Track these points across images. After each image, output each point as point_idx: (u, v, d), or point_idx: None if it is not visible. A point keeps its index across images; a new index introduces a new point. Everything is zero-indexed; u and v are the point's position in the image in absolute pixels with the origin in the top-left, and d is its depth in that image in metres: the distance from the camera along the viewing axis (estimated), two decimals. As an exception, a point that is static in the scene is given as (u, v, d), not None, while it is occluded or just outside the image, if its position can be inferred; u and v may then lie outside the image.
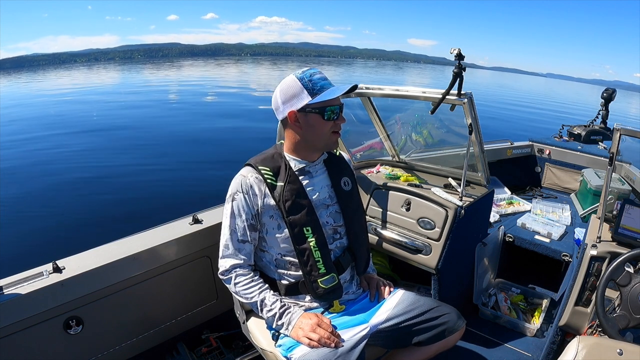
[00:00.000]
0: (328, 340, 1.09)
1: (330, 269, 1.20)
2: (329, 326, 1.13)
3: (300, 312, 1.17)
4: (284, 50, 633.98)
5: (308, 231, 1.18)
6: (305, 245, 1.18)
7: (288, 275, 1.23)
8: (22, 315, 1.22)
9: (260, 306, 1.18)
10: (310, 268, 1.19)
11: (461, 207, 1.63)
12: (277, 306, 1.16)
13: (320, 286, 1.19)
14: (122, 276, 1.42)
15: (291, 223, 1.18)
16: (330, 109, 1.16)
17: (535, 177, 3.16)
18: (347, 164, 1.38)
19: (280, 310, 1.16)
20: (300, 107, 1.16)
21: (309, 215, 1.19)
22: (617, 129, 1.37)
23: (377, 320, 1.23)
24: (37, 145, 8.19)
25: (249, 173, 1.20)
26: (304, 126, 1.18)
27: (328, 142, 1.21)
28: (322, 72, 1.20)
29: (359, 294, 1.33)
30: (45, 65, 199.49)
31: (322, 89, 1.15)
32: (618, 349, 1.00)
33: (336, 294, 1.23)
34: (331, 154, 1.34)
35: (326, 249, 1.21)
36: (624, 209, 1.43)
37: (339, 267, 1.25)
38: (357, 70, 62.92)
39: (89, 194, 5.43)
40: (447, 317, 1.23)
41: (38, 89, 28.00)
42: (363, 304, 1.30)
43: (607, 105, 3.26)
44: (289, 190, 1.18)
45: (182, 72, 46.08)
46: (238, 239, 1.20)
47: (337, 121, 1.19)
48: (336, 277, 1.21)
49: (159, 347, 1.62)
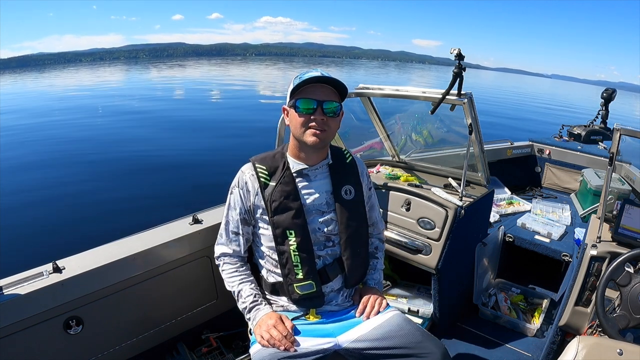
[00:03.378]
0: (278, 342, 1.08)
1: (309, 276, 1.18)
2: (285, 329, 1.12)
3: (266, 311, 1.18)
4: (288, 50, 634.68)
5: (291, 234, 1.18)
6: (284, 248, 1.19)
7: (273, 274, 1.25)
8: (22, 315, 1.22)
9: (236, 297, 1.23)
10: (288, 271, 1.19)
11: (461, 207, 1.63)
12: (249, 300, 1.20)
13: (296, 291, 1.18)
14: (122, 276, 1.42)
15: (274, 223, 1.19)
16: (301, 101, 1.14)
17: (535, 177, 3.16)
18: (357, 173, 1.32)
19: (250, 305, 1.19)
20: (288, 102, 1.19)
21: (295, 218, 1.18)
22: (617, 129, 1.37)
23: (345, 338, 1.16)
24: (37, 144, 8.20)
25: (247, 169, 1.23)
26: (289, 121, 1.20)
27: (303, 139, 1.16)
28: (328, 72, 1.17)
29: (345, 306, 1.27)
30: (51, 64, 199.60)
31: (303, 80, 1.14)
32: (618, 349, 1.00)
33: (314, 302, 1.21)
34: (339, 159, 1.30)
35: (309, 255, 1.19)
36: (624, 209, 1.43)
37: (323, 275, 1.21)
38: (360, 70, 63.00)
39: (89, 194, 5.43)
40: (429, 357, 1.07)
41: (44, 86, 28.06)
42: (343, 318, 1.23)
43: (607, 105, 3.26)
44: (279, 190, 1.19)
45: (187, 72, 46.14)
46: (231, 230, 1.26)
47: (313, 116, 1.14)
48: (315, 285, 1.18)
49: (159, 347, 1.62)
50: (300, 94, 1.15)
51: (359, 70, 62.85)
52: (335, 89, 1.17)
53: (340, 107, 1.19)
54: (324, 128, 1.15)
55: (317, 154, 1.23)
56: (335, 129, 1.21)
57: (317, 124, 1.14)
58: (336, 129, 1.23)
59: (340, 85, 1.16)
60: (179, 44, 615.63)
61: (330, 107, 1.15)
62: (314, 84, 1.14)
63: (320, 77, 1.13)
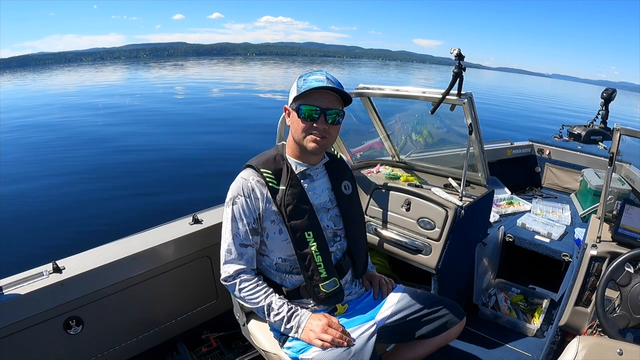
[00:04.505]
0: (340, 340, 1.09)
1: (331, 274, 1.20)
2: (339, 326, 1.13)
3: (308, 314, 1.16)
4: (289, 50, 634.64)
5: (309, 236, 1.17)
6: (307, 250, 1.17)
7: (289, 280, 1.22)
8: (22, 315, 1.22)
9: (267, 310, 1.15)
10: (312, 273, 1.18)
11: (461, 207, 1.63)
12: (285, 309, 1.15)
13: (322, 290, 1.18)
14: (122, 276, 1.42)
15: (292, 228, 1.17)
16: (305, 108, 1.13)
17: (535, 177, 3.16)
18: (348, 167, 1.37)
19: (289, 314, 1.15)
20: (290, 103, 1.18)
21: (310, 219, 1.18)
22: (617, 129, 1.37)
23: (383, 315, 1.25)
24: (37, 145, 8.20)
25: (250, 176, 1.19)
26: (291, 123, 1.20)
27: (303, 144, 1.17)
28: (330, 73, 1.17)
29: (361, 292, 1.34)
30: (52, 64, 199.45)
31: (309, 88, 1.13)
32: (618, 349, 1.00)
33: (338, 298, 1.23)
34: (332, 156, 1.33)
35: (327, 253, 1.21)
36: (624, 209, 1.43)
37: (340, 270, 1.24)
38: (361, 70, 62.99)
39: (89, 194, 5.43)
40: (448, 310, 1.26)
41: (43, 86, 28.05)
42: (366, 302, 1.31)
43: (607, 105, 3.26)
44: (290, 194, 1.17)
45: (188, 71, 46.15)
46: (240, 242, 1.17)
47: (315, 124, 1.14)
48: (337, 281, 1.21)
49: (159, 347, 1.62)
50: (304, 99, 1.14)
51: (359, 70, 62.82)
52: (339, 96, 1.17)
53: (343, 114, 1.19)
54: (325, 135, 1.16)
55: (317, 155, 1.24)
56: (335, 136, 1.22)
57: (318, 131, 1.14)
58: (336, 135, 1.24)
59: (344, 94, 1.16)
60: (180, 44, 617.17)
61: (333, 115, 1.15)
62: (319, 90, 1.14)
63: (327, 86, 1.13)
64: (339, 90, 1.15)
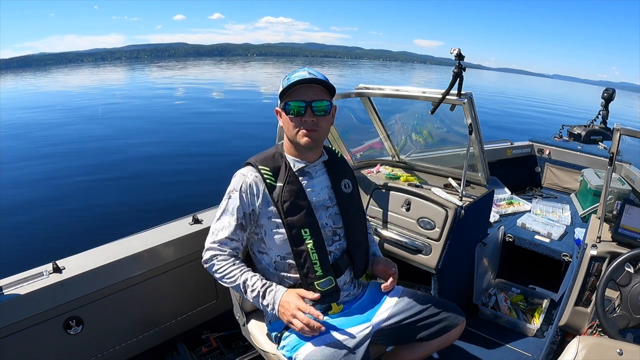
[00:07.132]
0: (307, 328, 1.04)
1: (327, 272, 1.19)
2: (307, 308, 1.07)
3: (283, 290, 1.13)
4: (290, 50, 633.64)
5: (306, 233, 1.17)
6: (302, 247, 1.17)
7: (287, 278, 1.22)
8: (22, 315, 1.22)
9: (243, 288, 1.14)
10: (307, 270, 1.18)
11: (461, 207, 1.63)
12: (259, 285, 1.13)
13: (317, 289, 1.18)
14: (122, 276, 1.42)
15: (289, 224, 1.17)
16: (292, 104, 1.14)
17: (535, 177, 3.16)
18: (349, 166, 1.37)
19: (262, 290, 1.12)
20: (279, 104, 1.19)
21: (307, 216, 1.18)
22: (617, 129, 1.37)
23: (379, 318, 1.24)
24: (37, 144, 8.20)
25: (249, 172, 1.20)
26: (282, 123, 1.20)
27: (296, 140, 1.17)
28: (319, 70, 1.18)
29: (358, 294, 1.32)
30: (52, 64, 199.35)
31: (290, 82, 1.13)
32: (618, 349, 1.00)
33: (333, 297, 1.22)
34: (333, 155, 1.32)
35: (324, 252, 1.20)
36: (624, 209, 1.43)
37: (337, 269, 1.23)
38: (361, 70, 62.95)
39: (89, 194, 5.43)
40: (447, 313, 1.25)
41: (44, 87, 28.05)
42: (362, 302, 1.30)
43: (607, 105, 3.26)
44: (288, 190, 1.17)
45: (189, 72, 46.12)
46: (225, 235, 1.17)
47: (303, 118, 1.14)
48: (333, 280, 1.20)
49: (159, 347, 1.62)
50: (290, 96, 1.15)
51: (360, 70, 62.80)
52: (323, 87, 1.17)
53: (331, 105, 1.19)
54: (315, 128, 1.16)
55: (314, 151, 1.24)
56: (327, 128, 1.21)
57: (308, 125, 1.15)
58: (328, 127, 1.23)
59: (327, 84, 1.16)
60: (181, 44, 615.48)
61: (319, 107, 1.15)
62: (303, 85, 1.14)
63: (307, 78, 1.13)
64: (321, 81, 1.15)
